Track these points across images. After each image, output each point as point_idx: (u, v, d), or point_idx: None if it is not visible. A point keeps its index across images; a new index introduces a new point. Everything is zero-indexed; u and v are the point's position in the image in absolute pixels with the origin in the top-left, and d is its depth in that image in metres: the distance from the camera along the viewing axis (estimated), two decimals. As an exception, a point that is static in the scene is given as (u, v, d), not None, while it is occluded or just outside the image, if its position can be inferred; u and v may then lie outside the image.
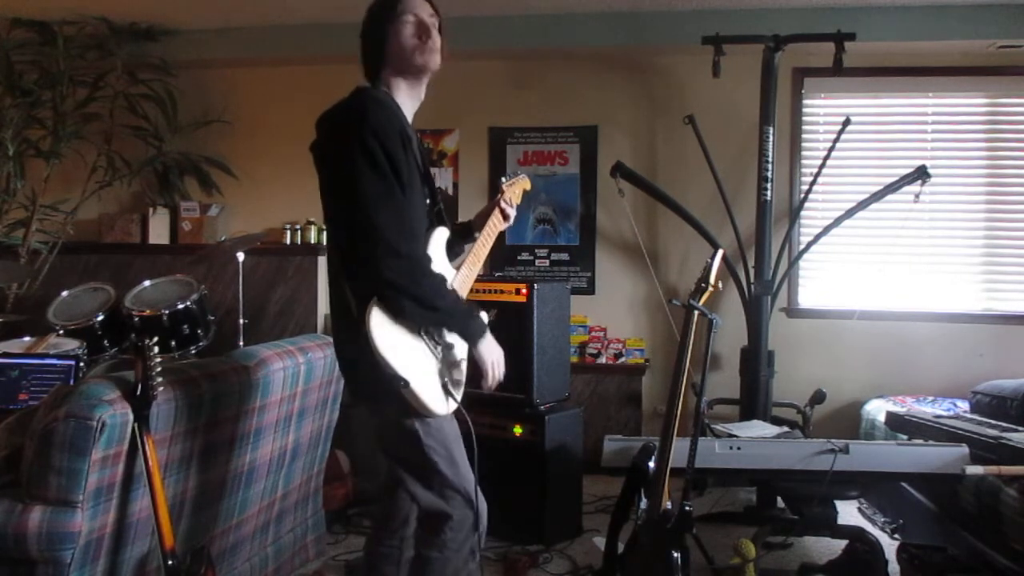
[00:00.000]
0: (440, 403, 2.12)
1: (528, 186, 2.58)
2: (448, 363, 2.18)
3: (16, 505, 2.19)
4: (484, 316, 2.39)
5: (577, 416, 3.86)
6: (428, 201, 2.23)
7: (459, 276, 2.27)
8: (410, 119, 2.22)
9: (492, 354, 2.23)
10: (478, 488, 2.24)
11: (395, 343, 2.02)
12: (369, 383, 2.09)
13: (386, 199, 2.02)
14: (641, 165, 5.00)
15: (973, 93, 4.91)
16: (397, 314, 2.04)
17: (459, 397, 2.20)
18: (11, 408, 3.34)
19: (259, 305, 5.08)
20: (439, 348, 2.15)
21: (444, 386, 2.14)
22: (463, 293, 2.28)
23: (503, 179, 2.47)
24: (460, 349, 2.26)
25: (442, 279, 2.13)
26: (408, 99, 2.23)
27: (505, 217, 2.45)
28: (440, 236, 2.27)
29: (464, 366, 2.27)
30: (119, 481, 2.29)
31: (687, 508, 2.57)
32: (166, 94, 5.24)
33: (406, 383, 2.02)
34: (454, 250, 2.37)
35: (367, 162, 2.02)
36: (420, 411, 2.09)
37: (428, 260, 2.12)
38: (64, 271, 5.05)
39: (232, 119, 5.40)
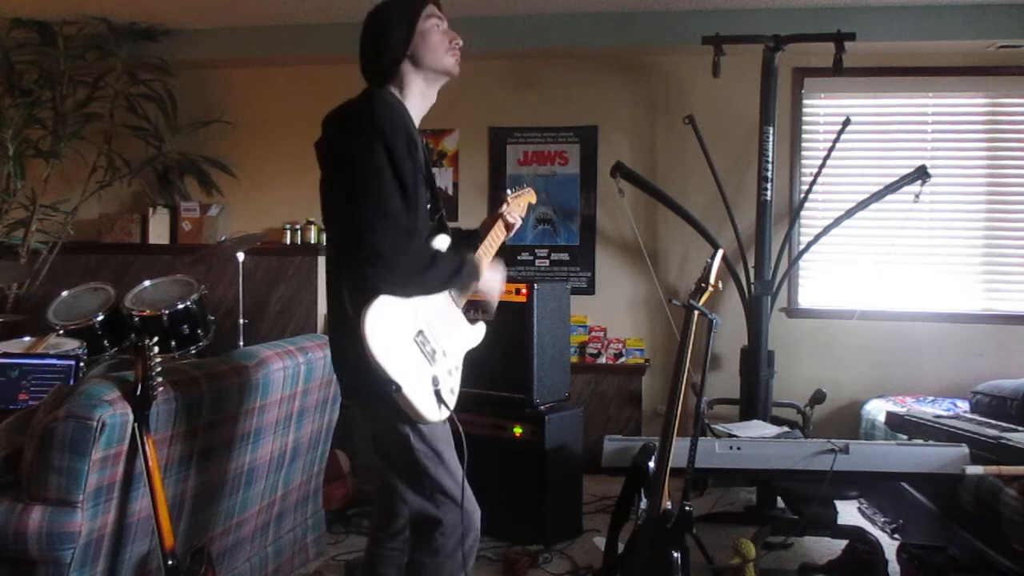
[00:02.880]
0: (432, 410, 2.10)
1: (533, 199, 2.57)
2: (442, 370, 2.16)
3: (16, 505, 2.19)
4: (483, 326, 2.38)
5: (577, 416, 3.86)
6: (429, 206, 2.23)
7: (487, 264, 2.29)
8: (418, 122, 2.21)
9: (493, 289, 2.31)
10: (468, 492, 2.21)
11: (389, 347, 2.01)
12: (362, 385, 2.08)
13: (385, 203, 2.00)
14: (641, 165, 5.00)
15: (973, 93, 4.91)
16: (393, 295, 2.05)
17: (452, 405, 2.17)
18: (11, 408, 3.34)
19: (259, 305, 5.08)
20: (434, 354, 2.14)
21: (437, 393, 2.11)
22: (462, 301, 2.29)
23: (508, 191, 2.47)
24: (454, 356, 2.24)
25: (430, 256, 2.12)
26: (421, 100, 2.22)
27: (508, 228, 2.44)
28: (441, 243, 2.26)
29: (458, 374, 2.25)
30: (119, 481, 2.29)
31: (687, 508, 2.57)
32: (166, 94, 5.24)
33: (398, 387, 2.00)
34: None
35: (370, 164, 2.01)
36: (412, 416, 2.08)
37: (421, 255, 2.10)
38: (64, 271, 5.05)
39: (232, 119, 5.40)
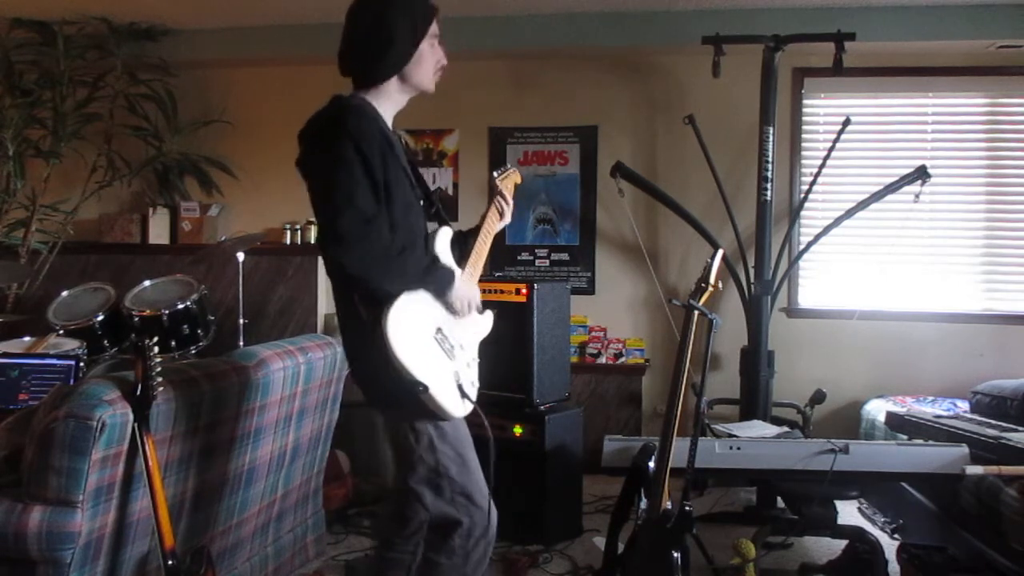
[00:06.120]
0: (457, 405, 2.11)
1: (519, 179, 2.54)
2: (462, 364, 2.17)
3: (16, 505, 2.19)
4: (490, 314, 2.38)
5: (577, 416, 3.86)
6: (423, 203, 2.23)
7: (463, 277, 2.26)
8: (390, 124, 2.21)
9: (461, 300, 2.20)
10: (490, 493, 2.23)
11: (411, 348, 2.01)
12: (385, 390, 2.08)
13: (350, 194, 1.99)
14: (641, 165, 5.00)
15: (973, 93, 4.90)
16: (352, 286, 2.05)
17: (474, 397, 2.19)
18: (11, 408, 3.34)
19: (259, 305, 5.08)
20: (453, 349, 2.15)
21: (460, 387, 2.13)
22: None
23: (495, 173, 2.44)
24: (471, 348, 2.25)
25: (397, 248, 2.06)
26: (394, 106, 2.23)
27: (501, 214, 2.42)
28: (444, 235, 2.26)
29: (476, 366, 2.26)
30: (119, 481, 2.29)
31: (687, 508, 2.57)
32: (166, 94, 5.24)
33: (425, 388, 2.00)
34: (458, 252, 2.35)
35: (339, 160, 2.00)
36: (438, 414, 2.08)
37: (384, 245, 2.04)
38: (64, 271, 5.05)
39: (232, 119, 5.40)
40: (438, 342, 2.11)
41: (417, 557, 2.28)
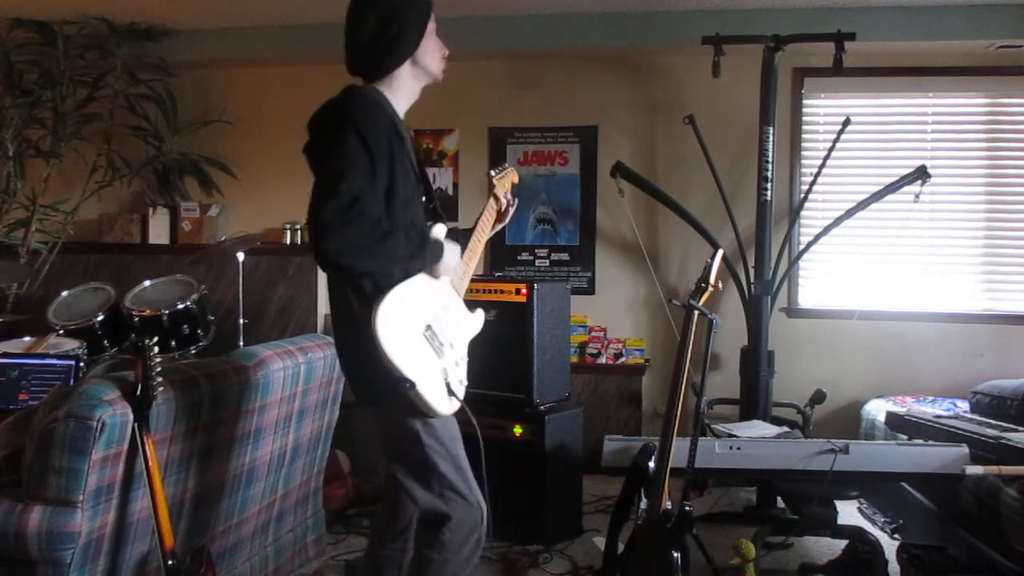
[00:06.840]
0: (444, 403, 2.12)
1: (516, 178, 2.55)
2: (450, 362, 2.18)
3: (16, 505, 2.19)
4: (481, 313, 2.39)
5: (577, 416, 3.86)
6: (424, 199, 2.24)
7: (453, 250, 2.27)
8: (402, 115, 2.23)
9: (448, 269, 2.22)
10: (476, 488, 2.23)
11: (401, 344, 2.02)
12: (373, 385, 2.09)
13: (336, 181, 1.96)
14: (641, 165, 5.00)
15: (973, 93, 4.91)
16: (338, 260, 1.98)
17: (462, 395, 2.20)
18: (11, 408, 3.34)
19: (259, 305, 5.07)
20: (442, 347, 2.16)
21: (447, 385, 2.14)
22: (461, 291, 2.30)
23: (492, 172, 2.44)
24: (461, 347, 2.26)
25: (382, 229, 2.03)
26: (408, 97, 2.26)
27: (499, 214, 2.43)
28: (439, 232, 2.27)
29: (465, 364, 2.27)
30: (119, 481, 2.29)
31: (687, 508, 2.57)
32: (166, 94, 5.24)
33: (412, 384, 2.01)
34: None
35: (339, 149, 2.00)
36: (425, 411, 2.09)
37: (368, 228, 2.00)
38: (64, 271, 5.05)
39: (232, 119, 5.40)
40: (427, 339, 2.11)
41: (408, 553, 2.29)
